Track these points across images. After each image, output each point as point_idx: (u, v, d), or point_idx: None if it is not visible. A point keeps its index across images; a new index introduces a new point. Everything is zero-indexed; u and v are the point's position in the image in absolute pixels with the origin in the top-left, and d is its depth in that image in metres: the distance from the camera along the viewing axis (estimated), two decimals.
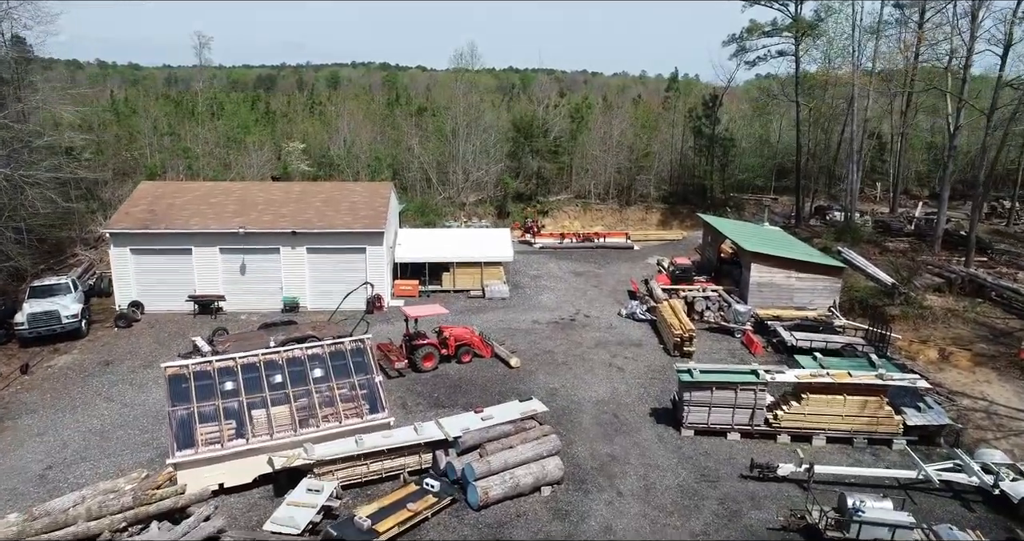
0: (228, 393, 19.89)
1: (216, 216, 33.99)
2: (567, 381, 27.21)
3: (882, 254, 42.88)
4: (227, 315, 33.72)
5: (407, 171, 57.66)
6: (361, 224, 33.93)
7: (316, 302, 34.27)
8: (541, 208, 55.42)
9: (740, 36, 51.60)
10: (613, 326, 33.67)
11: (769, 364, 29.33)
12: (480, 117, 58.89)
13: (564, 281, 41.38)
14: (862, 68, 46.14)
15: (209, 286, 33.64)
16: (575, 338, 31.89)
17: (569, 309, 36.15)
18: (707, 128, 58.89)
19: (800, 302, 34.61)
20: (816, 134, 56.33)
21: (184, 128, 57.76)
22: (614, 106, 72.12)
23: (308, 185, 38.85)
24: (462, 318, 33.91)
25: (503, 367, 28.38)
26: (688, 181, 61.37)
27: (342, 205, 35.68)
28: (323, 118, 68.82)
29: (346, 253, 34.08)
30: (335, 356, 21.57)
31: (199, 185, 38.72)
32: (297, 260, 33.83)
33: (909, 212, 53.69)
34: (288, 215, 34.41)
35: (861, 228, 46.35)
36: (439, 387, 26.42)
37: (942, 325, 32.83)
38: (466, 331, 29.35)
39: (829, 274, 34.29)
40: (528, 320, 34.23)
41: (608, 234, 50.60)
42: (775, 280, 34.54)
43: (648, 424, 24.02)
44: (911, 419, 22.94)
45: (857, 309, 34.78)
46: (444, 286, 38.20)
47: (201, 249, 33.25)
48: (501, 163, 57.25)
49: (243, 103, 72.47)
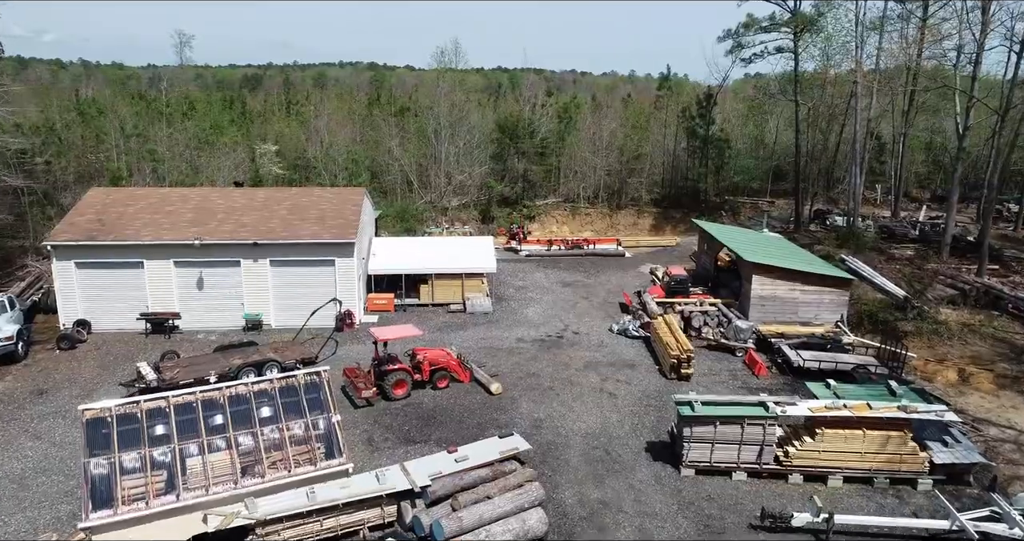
0: (158, 439, 17.11)
1: (171, 226, 31.16)
2: (553, 410, 24.58)
3: (888, 262, 40.50)
4: (183, 334, 30.90)
5: (386, 174, 54.88)
6: (330, 234, 31.19)
7: (281, 319, 31.50)
8: (528, 213, 52.81)
9: (736, 32, 49.18)
10: (604, 344, 31.07)
11: (774, 386, 26.94)
12: (464, 117, 56.20)
13: (551, 292, 38.76)
14: (864, 65, 43.76)
15: (163, 303, 30.81)
16: (563, 359, 29.27)
17: (557, 324, 33.54)
18: (701, 129, 56.42)
19: (805, 316, 32.15)
20: (814, 135, 53.96)
21: (154, 129, 54.64)
22: (604, 106, 69.57)
23: (273, 191, 36.05)
24: (440, 336, 31.23)
25: (483, 393, 25.73)
26: (681, 184, 58.86)
27: (310, 213, 32.93)
28: (300, 118, 65.82)
29: (313, 266, 31.34)
30: (286, 392, 18.82)
31: (153, 192, 35.83)
32: (260, 274, 31.05)
33: (912, 216, 51.42)
34: (250, 224, 31.62)
35: (864, 234, 43.96)
36: (411, 418, 23.74)
37: (959, 342, 30.45)
38: (442, 353, 26.66)
39: (836, 286, 31.86)
40: (512, 338, 31.58)
41: (598, 240, 48.08)
42: (778, 293, 32.06)
43: (643, 461, 21.43)
44: (938, 456, 20.45)
45: (866, 324, 32.33)
46: (422, 299, 35.51)
47: (154, 262, 30.41)
48: (485, 166, 54.54)
49: (215, 102, 69.26)
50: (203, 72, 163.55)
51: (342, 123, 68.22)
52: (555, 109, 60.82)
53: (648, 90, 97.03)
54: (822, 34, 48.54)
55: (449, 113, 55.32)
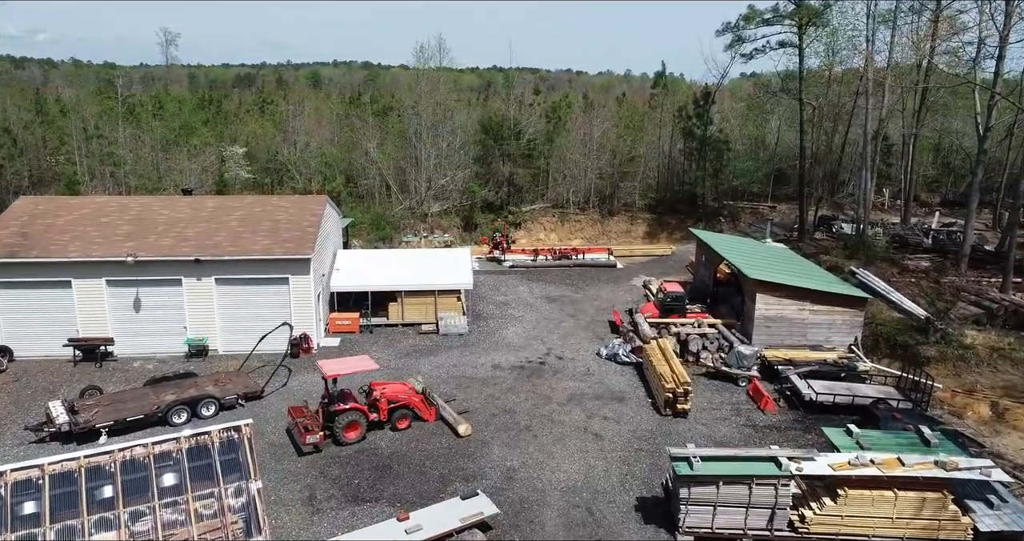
0: (25, 520, 13.74)
1: (104, 240, 27.71)
2: (529, 456, 21.23)
3: (902, 274, 37.22)
4: (117, 362, 27.46)
5: (363, 178, 51.44)
6: (283, 249, 27.77)
7: (229, 344, 28.09)
8: (513, 219, 49.42)
9: (736, 25, 45.81)
10: (591, 371, 27.72)
11: (783, 424, 23.68)
12: (447, 118, 52.78)
13: (535, 309, 35.40)
14: (875, 61, 40.48)
15: (94, 326, 27.35)
16: (543, 390, 25.91)
17: (539, 348, 30.18)
18: (698, 129, 53.03)
19: (815, 339, 28.86)
20: (818, 136, 50.63)
21: (119, 130, 51.09)
22: (596, 105, 66.14)
23: (225, 200, 32.59)
24: (406, 364, 27.85)
25: (449, 435, 22.38)
26: (677, 188, 55.41)
27: (263, 225, 29.52)
28: (274, 119, 62.34)
29: (265, 284, 27.92)
30: (196, 453, 15.43)
31: (89, 201, 32.31)
32: (204, 294, 27.62)
33: (923, 222, 48.14)
34: (193, 238, 28.18)
35: (875, 243, 40.68)
36: (363, 468, 20.37)
37: (988, 369, 27.20)
38: (403, 389, 23.27)
39: (850, 306, 28.56)
40: (488, 364, 28.21)
41: (588, 250, 44.69)
42: (785, 314, 28.76)
43: (633, 523, 18.13)
44: (982, 521, 17.18)
45: (883, 348, 29.05)
46: (391, 319, 32.11)
47: (83, 281, 26.96)
48: (468, 169, 51.12)
49: (187, 102, 65.65)
50: (196, 72, 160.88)
51: (321, 123, 64.89)
52: (543, 108, 57.42)
53: (644, 90, 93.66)
54: (827, 28, 45.30)
55: (433, 113, 51.94)
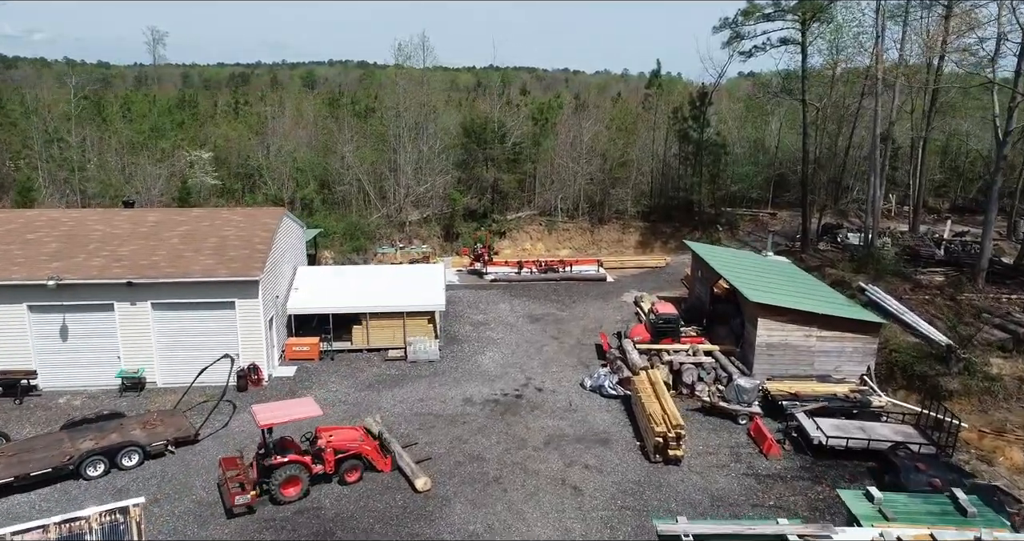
0: None
1: (25, 260, 24.71)
2: (496, 517, 18.29)
3: (914, 290, 34.30)
4: (42, 397, 24.48)
5: (339, 184, 48.43)
6: (227, 269, 24.78)
7: (169, 375, 25.15)
8: (497, 228, 46.44)
9: (735, 20, 42.86)
10: (573, 407, 24.78)
11: (789, 472, 20.77)
12: (429, 119, 49.76)
13: (516, 330, 32.45)
14: (884, 60, 37.48)
15: (14, 357, 24.35)
16: (518, 430, 22.96)
17: (517, 377, 27.24)
18: (695, 131, 50.05)
19: (823, 369, 25.95)
20: (821, 139, 47.70)
21: (73, 133, 48.05)
22: (588, 105, 63.09)
23: (169, 214, 29.53)
24: (366, 397, 24.91)
25: (406, 489, 19.44)
26: (672, 194, 52.36)
27: (208, 241, 26.53)
28: (248, 121, 59.31)
29: (208, 308, 24.95)
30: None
31: (17, 215, 29.25)
32: (139, 320, 24.64)
33: (933, 231, 45.21)
34: (128, 257, 25.19)
35: (884, 255, 37.78)
36: (300, 534, 17.41)
37: (1017, 404, 24.28)
38: (354, 435, 20.31)
39: (862, 332, 25.63)
40: (458, 398, 25.26)
41: (576, 262, 41.72)
42: (790, 340, 25.83)
43: None
44: None
45: (898, 378, 26.13)
46: (355, 343, 29.15)
47: (2, 307, 23.96)
48: (449, 174, 48.10)
49: (159, 103, 62.54)
50: (191, 71, 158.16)
51: (300, 125, 61.91)
52: (531, 109, 54.45)
53: (640, 89, 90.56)
54: (831, 24, 42.38)
55: (417, 113, 48.90)
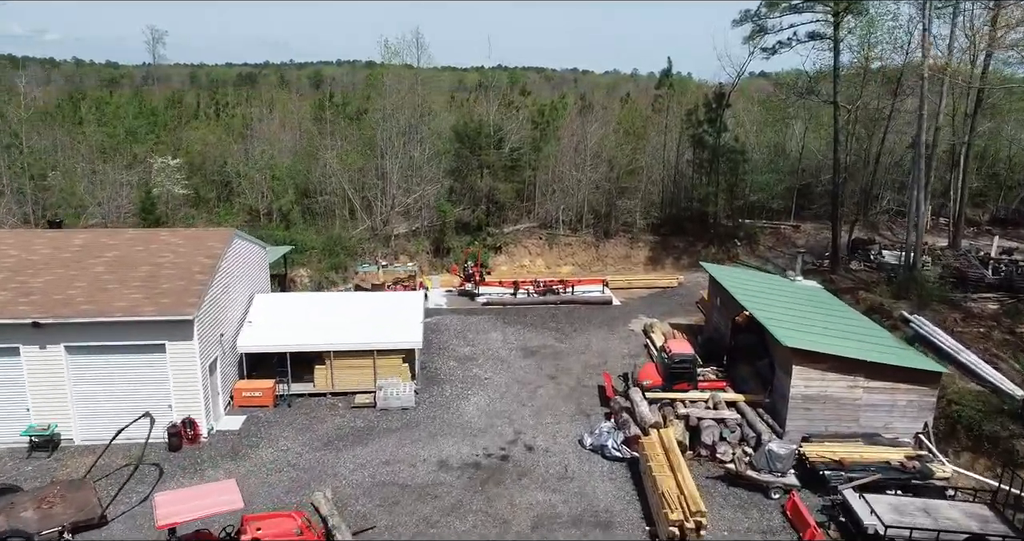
0: None
1: None
2: None
3: (965, 321, 29.88)
4: None
5: (321, 194, 44.37)
6: (156, 306, 20.72)
7: (89, 431, 21.16)
8: (493, 242, 42.23)
9: (757, 12, 38.45)
10: (569, 473, 20.57)
11: None
12: (420, 123, 45.65)
13: (508, 367, 28.27)
14: (930, 57, 33.06)
15: None
16: (501, 507, 18.78)
17: (504, 431, 23.05)
18: (710, 136, 45.66)
19: (869, 425, 21.64)
20: (851, 145, 43.21)
21: (24, 138, 44.11)
22: (594, 106, 58.67)
23: (98, 235, 25.37)
24: (321, 459, 20.82)
25: None
26: (685, 205, 47.85)
27: (138, 270, 22.48)
28: (228, 123, 55.37)
29: (134, 352, 20.91)
30: None
31: None
32: (51, 366, 20.62)
33: (976, 248, 40.60)
34: (40, 291, 21.17)
35: (926, 277, 33.37)
36: None
37: None
38: (290, 525, 16.18)
39: (917, 382, 21.29)
40: (432, 460, 21.08)
41: (578, 282, 37.45)
42: (830, 391, 21.52)
43: None
44: None
45: (961, 437, 21.83)
46: (317, 386, 25.05)
47: None
48: (440, 184, 43.91)
49: (131, 104, 58.42)
50: (197, 71, 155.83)
51: (286, 128, 57.99)
52: (531, 111, 50.17)
53: (650, 90, 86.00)
54: (865, 17, 37.98)
55: (410, 116, 44.82)
